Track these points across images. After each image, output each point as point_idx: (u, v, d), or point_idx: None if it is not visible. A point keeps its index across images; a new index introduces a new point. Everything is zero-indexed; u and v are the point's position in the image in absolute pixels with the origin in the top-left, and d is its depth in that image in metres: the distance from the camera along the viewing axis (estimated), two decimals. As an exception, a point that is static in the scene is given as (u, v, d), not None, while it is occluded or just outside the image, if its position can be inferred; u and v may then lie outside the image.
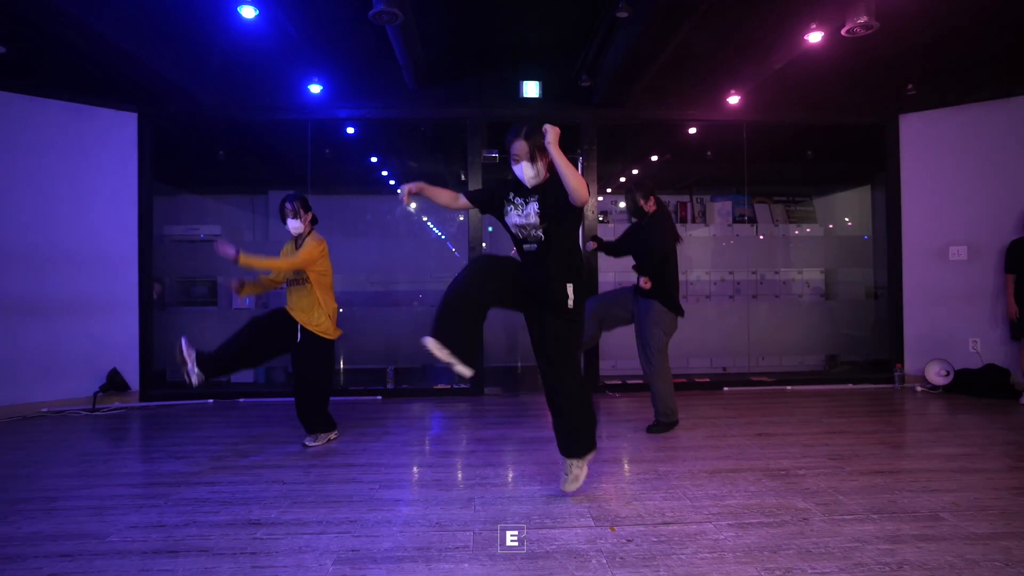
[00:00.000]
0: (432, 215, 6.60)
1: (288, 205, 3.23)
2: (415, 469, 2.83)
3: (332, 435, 3.30)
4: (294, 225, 3.23)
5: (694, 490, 2.46)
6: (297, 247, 3.24)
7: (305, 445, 3.18)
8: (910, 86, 4.54)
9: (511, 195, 2.40)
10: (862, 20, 3.18)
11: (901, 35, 3.76)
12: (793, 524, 2.10)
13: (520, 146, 2.30)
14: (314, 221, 3.34)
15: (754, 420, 3.74)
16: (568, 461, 2.41)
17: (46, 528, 2.13)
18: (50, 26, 3.34)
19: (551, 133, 2.19)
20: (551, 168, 2.31)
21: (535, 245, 2.34)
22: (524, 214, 2.35)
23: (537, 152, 2.30)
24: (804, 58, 4.08)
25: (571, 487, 2.39)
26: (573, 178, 2.15)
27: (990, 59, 4.20)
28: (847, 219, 6.77)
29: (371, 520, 2.18)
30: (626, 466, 2.81)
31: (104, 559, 1.88)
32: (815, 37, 3.54)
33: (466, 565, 1.82)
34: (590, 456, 2.43)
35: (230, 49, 4.02)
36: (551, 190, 2.30)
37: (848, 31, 3.29)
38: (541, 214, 2.31)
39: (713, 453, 3.01)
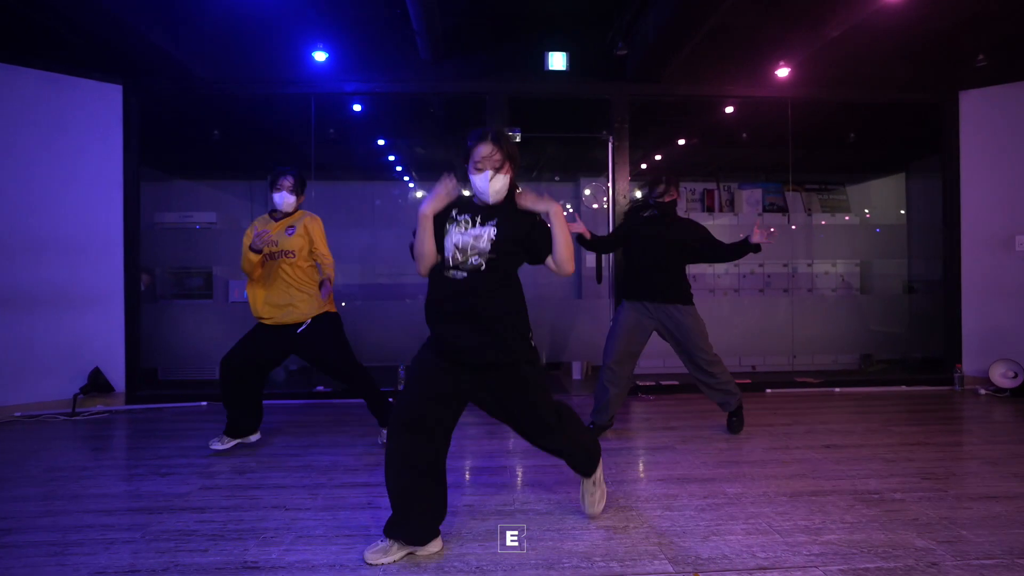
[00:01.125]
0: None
1: (285, 179, 2.91)
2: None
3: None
4: (287, 200, 2.90)
5: (779, 520, 2.05)
6: (275, 220, 2.93)
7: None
8: (981, 56, 4.10)
9: (454, 212, 1.86)
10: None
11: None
12: (921, 571, 1.69)
13: (488, 150, 1.82)
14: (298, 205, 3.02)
15: (813, 427, 3.33)
16: (584, 480, 2.10)
17: (-9, 573, 1.72)
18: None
19: (543, 204, 1.84)
20: (512, 193, 1.88)
21: (464, 273, 1.78)
22: (473, 234, 1.80)
23: (509, 163, 1.85)
24: (862, 27, 3.67)
25: (597, 509, 2.09)
26: (567, 245, 1.82)
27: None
28: (880, 210, 6.34)
29: (395, 565, 1.76)
30: (688, 487, 2.40)
31: (57, 622, 1.47)
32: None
33: (524, 633, 1.41)
34: (600, 469, 2.10)
35: (227, 14, 3.60)
36: (518, 224, 1.84)
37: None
38: (496, 243, 1.78)
39: (783, 470, 2.60)
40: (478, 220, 1.83)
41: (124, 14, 3.34)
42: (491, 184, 1.83)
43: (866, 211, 6.36)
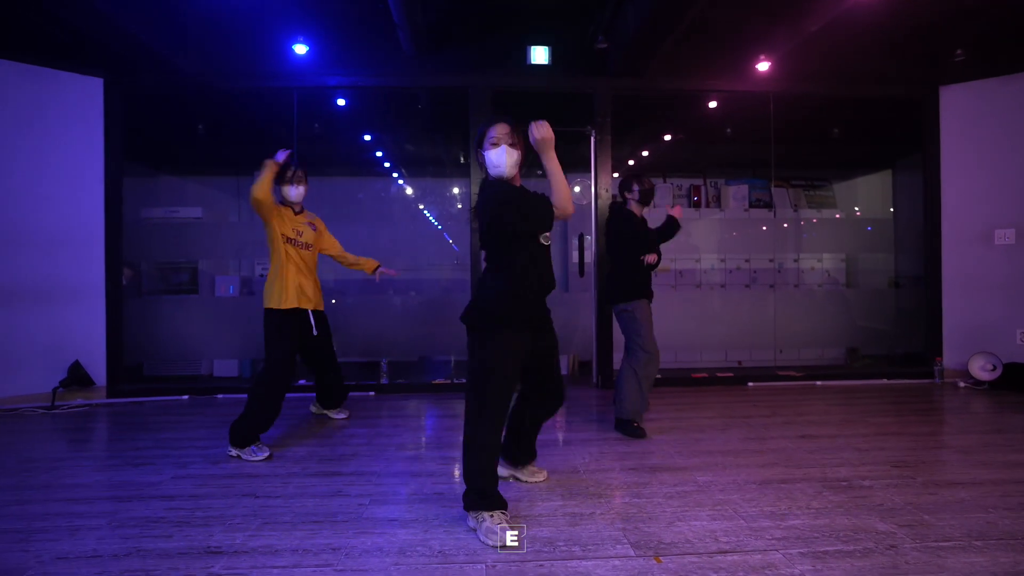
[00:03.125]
0: (428, 199, 6.16)
1: (296, 170, 3.03)
2: (412, 479, 2.41)
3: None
4: (299, 192, 3.03)
5: (746, 507, 2.06)
6: (296, 212, 3.06)
7: (334, 418, 3.38)
8: (959, 51, 4.13)
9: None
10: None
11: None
12: (880, 553, 1.70)
13: (503, 128, 2.00)
14: None
15: (791, 419, 3.35)
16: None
17: (-48, 559, 1.72)
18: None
19: (541, 129, 1.93)
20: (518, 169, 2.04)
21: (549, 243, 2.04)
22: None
23: (519, 139, 2.01)
24: (843, 20, 3.68)
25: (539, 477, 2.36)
26: (564, 186, 1.96)
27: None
28: (865, 205, 6.38)
29: (358, 548, 1.76)
30: (659, 475, 2.41)
31: (12, 605, 1.47)
32: (867, -14, 3.12)
33: (479, 614, 1.42)
34: None
35: (209, 7, 3.58)
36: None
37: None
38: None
39: (756, 459, 2.61)
40: None
41: (104, 7, 3.34)
42: (506, 156, 1.97)
43: (856, 208, 6.39)
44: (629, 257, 3.09)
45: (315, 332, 2.98)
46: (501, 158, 1.97)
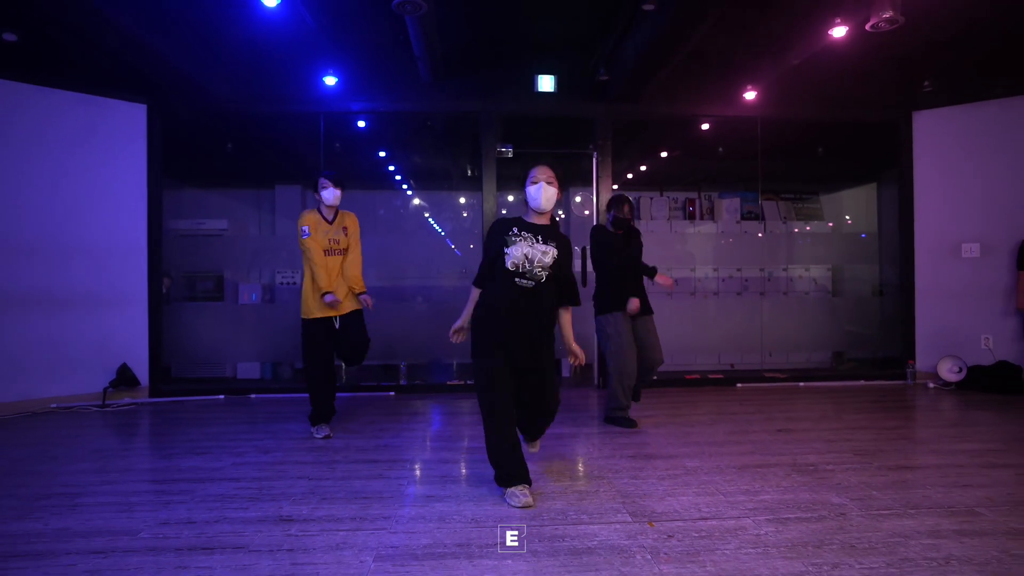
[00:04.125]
0: (436, 212, 6.55)
1: (329, 176, 3.33)
2: (440, 465, 2.79)
3: None
4: (336, 195, 3.31)
5: (726, 486, 2.44)
6: (330, 221, 3.33)
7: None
8: (927, 82, 4.54)
9: (514, 229, 2.35)
10: (887, 15, 3.16)
11: (921, 31, 3.76)
12: (832, 519, 2.09)
13: (544, 169, 2.35)
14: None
15: (772, 416, 3.73)
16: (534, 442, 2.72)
17: (73, 524, 2.09)
18: (63, 14, 3.28)
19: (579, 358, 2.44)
20: (555, 224, 2.45)
21: (532, 283, 2.31)
22: (540, 250, 2.32)
23: (556, 182, 2.37)
24: (823, 54, 4.07)
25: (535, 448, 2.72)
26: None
27: (1006, 56, 4.20)
28: (850, 217, 6.78)
29: (405, 516, 2.15)
30: (653, 462, 2.79)
31: (138, 556, 1.85)
32: (839, 32, 3.53)
33: (510, 562, 1.80)
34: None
35: (244, 40, 3.96)
36: (563, 253, 2.38)
37: (872, 26, 3.28)
38: (555, 264, 2.34)
39: (737, 448, 3.00)
40: (539, 239, 2.34)
41: (150, 39, 3.72)
42: (544, 192, 2.34)
43: (847, 218, 6.78)
44: (600, 271, 3.49)
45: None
46: (539, 192, 2.34)
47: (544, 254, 2.31)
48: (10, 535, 2.01)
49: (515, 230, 2.35)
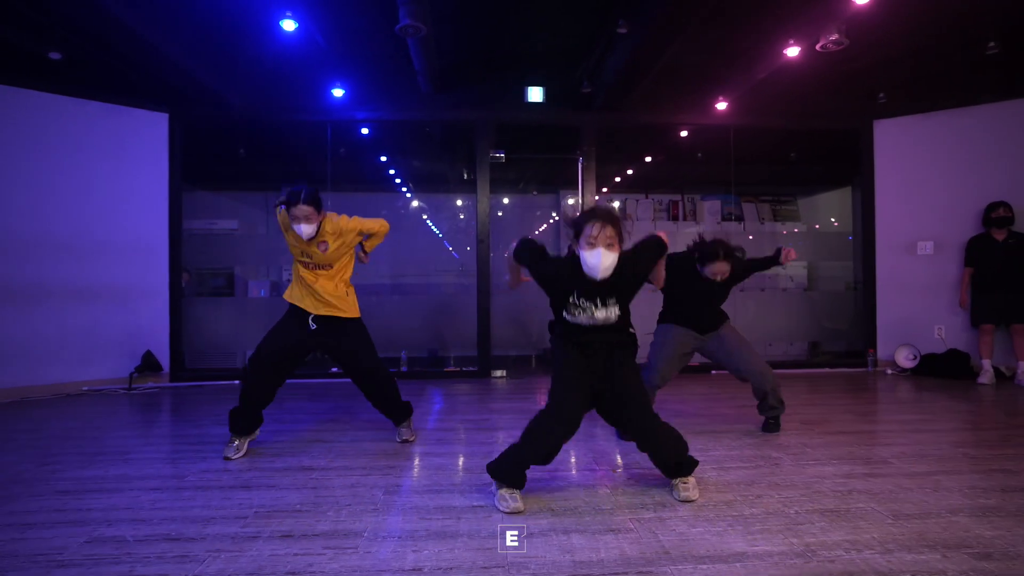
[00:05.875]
0: (433, 212, 6.96)
1: (293, 199, 2.67)
2: (439, 432, 3.19)
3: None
4: (309, 229, 2.67)
5: (683, 446, 2.84)
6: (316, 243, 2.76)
7: (404, 440, 2.92)
8: (881, 95, 4.96)
9: (576, 294, 2.06)
10: (833, 37, 3.59)
11: (872, 49, 4.18)
12: (766, 468, 2.50)
13: (599, 228, 1.95)
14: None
15: (737, 395, 4.13)
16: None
17: (130, 472, 2.49)
18: (106, 34, 3.69)
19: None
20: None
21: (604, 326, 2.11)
22: (601, 316, 2.08)
23: (619, 240, 2.00)
24: (785, 69, 4.48)
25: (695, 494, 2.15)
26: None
27: (955, 70, 4.63)
28: (833, 219, 7.20)
29: (409, 466, 2.55)
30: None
31: (189, 491, 2.24)
32: (792, 52, 3.95)
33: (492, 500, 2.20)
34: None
35: (261, 56, 4.37)
36: (626, 272, 2.06)
37: (821, 47, 3.70)
38: (621, 306, 2.12)
39: (702, 420, 3.41)
40: (598, 302, 2.05)
41: (179, 56, 4.12)
42: (602, 260, 1.96)
43: (828, 220, 7.18)
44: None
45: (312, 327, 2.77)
46: (596, 260, 1.95)
47: (608, 314, 2.07)
48: (80, 478, 2.40)
49: (574, 297, 2.06)
